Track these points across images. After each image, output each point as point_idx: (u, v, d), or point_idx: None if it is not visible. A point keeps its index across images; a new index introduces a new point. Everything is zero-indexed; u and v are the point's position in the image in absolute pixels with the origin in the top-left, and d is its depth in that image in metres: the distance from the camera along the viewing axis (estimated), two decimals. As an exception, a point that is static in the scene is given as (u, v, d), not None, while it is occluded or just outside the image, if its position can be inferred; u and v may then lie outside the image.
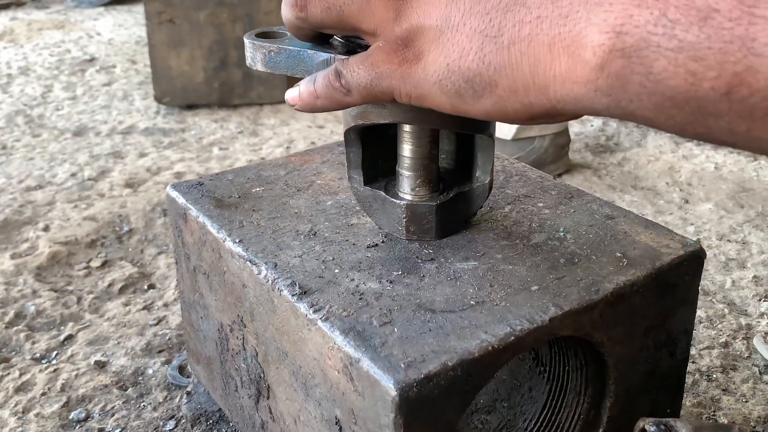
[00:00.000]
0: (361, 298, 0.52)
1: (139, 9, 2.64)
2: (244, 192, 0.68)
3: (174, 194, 0.68)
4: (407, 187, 0.59)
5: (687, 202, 1.24)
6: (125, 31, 2.42)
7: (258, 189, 0.68)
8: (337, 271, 0.56)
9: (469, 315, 0.50)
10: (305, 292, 0.53)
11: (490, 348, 0.47)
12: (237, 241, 0.60)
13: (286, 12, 0.49)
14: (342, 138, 0.63)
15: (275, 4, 1.64)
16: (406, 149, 0.58)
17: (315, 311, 0.51)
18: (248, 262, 0.58)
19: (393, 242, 0.59)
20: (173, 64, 1.64)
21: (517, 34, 0.39)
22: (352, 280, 0.54)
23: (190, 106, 1.68)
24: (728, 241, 1.12)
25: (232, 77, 1.68)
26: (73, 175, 1.38)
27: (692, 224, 1.17)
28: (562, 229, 0.61)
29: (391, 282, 0.54)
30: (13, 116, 1.68)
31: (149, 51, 1.65)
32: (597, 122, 1.58)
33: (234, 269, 0.60)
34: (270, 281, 0.55)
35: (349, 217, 0.64)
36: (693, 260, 0.58)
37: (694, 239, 1.10)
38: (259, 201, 0.66)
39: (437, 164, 0.60)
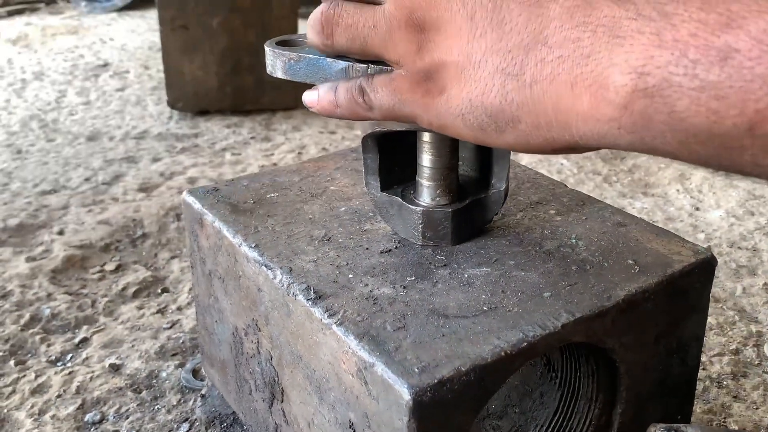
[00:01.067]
0: (375, 303, 0.53)
1: (151, 14, 2.66)
2: (259, 198, 0.69)
3: (190, 200, 0.69)
4: (426, 196, 0.60)
5: (698, 209, 1.24)
6: (138, 36, 2.44)
7: (273, 195, 0.69)
8: (351, 276, 0.56)
9: (481, 321, 0.51)
10: (320, 297, 0.54)
11: (502, 353, 0.48)
12: (252, 246, 0.61)
13: (313, 36, 0.49)
14: (355, 144, 0.64)
15: (287, 10, 1.65)
16: (426, 159, 0.59)
17: (329, 316, 0.52)
18: (263, 267, 0.59)
19: (406, 248, 0.60)
20: (186, 69, 1.65)
21: (539, 73, 0.40)
22: (366, 285, 0.55)
23: (203, 112, 1.70)
24: (739, 248, 1.12)
25: (244, 83, 1.70)
26: (88, 179, 1.39)
27: (703, 231, 1.17)
28: (574, 236, 0.61)
29: (404, 287, 0.55)
30: (28, 121, 1.69)
31: (162, 57, 1.66)
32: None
33: (249, 273, 0.61)
34: (285, 286, 0.56)
35: (362, 223, 0.64)
36: (704, 268, 0.59)
37: (705, 246, 1.10)
38: (274, 206, 0.67)
39: (456, 173, 0.61)
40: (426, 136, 0.58)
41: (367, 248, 0.60)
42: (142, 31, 2.51)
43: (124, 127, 1.66)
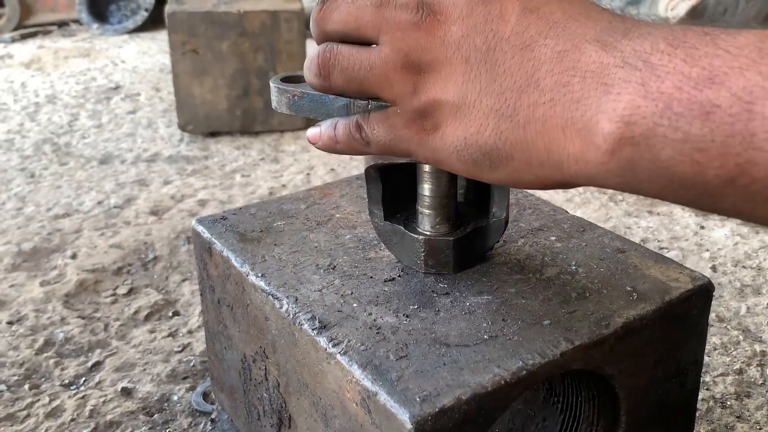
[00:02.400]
0: (378, 332, 0.54)
1: (162, 36, 2.69)
2: (266, 226, 0.70)
3: (199, 228, 0.71)
4: (427, 224, 0.62)
5: (703, 228, 1.25)
6: (149, 58, 2.47)
7: (279, 223, 0.71)
8: (355, 305, 0.58)
9: (482, 349, 0.52)
10: (324, 327, 0.55)
11: (502, 382, 0.49)
12: (259, 275, 0.62)
13: (311, 78, 0.51)
14: (363, 168, 0.66)
15: (295, 34, 1.67)
16: (426, 188, 0.61)
17: (334, 345, 0.53)
18: (270, 296, 0.60)
19: (409, 276, 0.62)
20: (197, 92, 1.68)
21: (531, 115, 0.41)
22: (370, 314, 0.57)
23: (213, 134, 1.72)
24: (743, 267, 1.13)
25: (253, 105, 1.72)
26: (100, 203, 1.42)
27: (708, 250, 1.18)
28: (574, 263, 0.63)
29: (407, 316, 0.56)
30: (41, 144, 1.72)
31: (173, 80, 1.69)
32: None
33: (257, 302, 0.62)
34: (291, 315, 0.58)
35: (366, 251, 0.66)
36: (702, 294, 0.60)
37: (710, 266, 1.11)
38: (281, 235, 0.69)
39: (455, 201, 0.62)
40: (426, 167, 0.60)
41: (371, 277, 0.62)
42: (153, 53, 2.54)
43: (136, 149, 1.68)
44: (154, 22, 2.83)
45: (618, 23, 0.41)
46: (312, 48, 0.52)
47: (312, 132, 0.54)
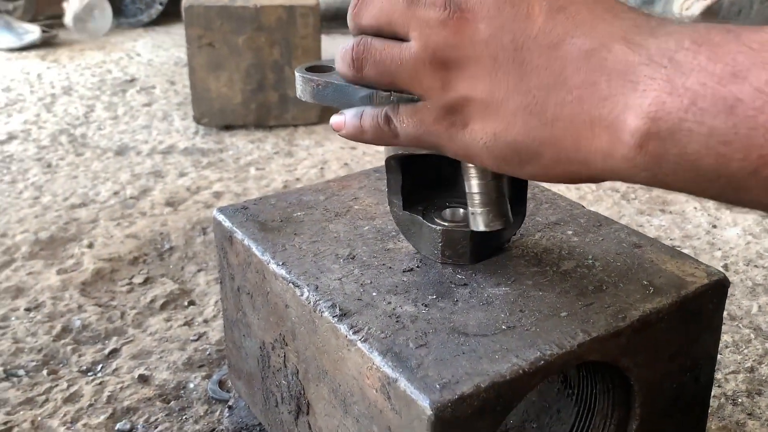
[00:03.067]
0: (397, 321, 0.55)
1: (177, 30, 2.71)
2: (286, 216, 0.71)
3: (220, 217, 0.72)
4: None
5: (715, 227, 1.25)
6: (164, 52, 2.49)
7: (299, 213, 0.72)
8: (374, 294, 0.59)
9: (500, 339, 0.53)
10: (345, 314, 0.56)
11: (520, 371, 0.50)
12: (280, 263, 0.63)
13: (344, 69, 0.52)
14: (375, 159, 0.67)
15: (311, 30, 1.68)
16: (474, 185, 0.59)
17: (354, 332, 0.54)
18: (291, 284, 0.61)
19: (427, 267, 0.62)
20: (212, 86, 1.69)
21: (559, 112, 0.42)
22: (389, 303, 0.57)
23: (228, 127, 1.73)
24: (755, 266, 1.13)
25: (268, 99, 1.73)
26: (116, 193, 1.43)
27: (720, 249, 1.18)
28: (590, 257, 0.63)
29: (426, 306, 0.57)
30: (57, 135, 1.74)
31: (189, 73, 1.70)
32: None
33: (277, 290, 0.63)
34: (312, 303, 0.58)
35: (385, 242, 0.67)
36: (717, 289, 0.60)
37: (722, 264, 1.12)
38: (301, 225, 0.70)
39: (506, 197, 0.61)
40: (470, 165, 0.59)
41: (390, 267, 0.63)
42: (168, 46, 2.56)
43: (151, 141, 1.69)
44: (167, 15, 2.85)
45: (643, 22, 0.41)
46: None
47: (336, 120, 0.55)
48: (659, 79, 0.38)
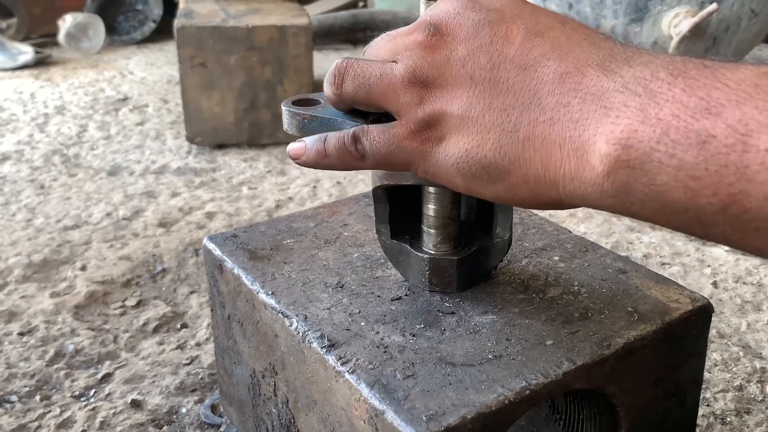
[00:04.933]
0: (385, 351, 0.56)
1: (170, 48, 2.72)
2: (276, 244, 0.72)
3: (210, 246, 0.72)
4: (430, 243, 0.63)
5: (704, 243, 1.26)
6: (157, 70, 2.50)
7: (289, 241, 0.73)
8: (363, 323, 0.59)
9: (487, 369, 0.53)
10: (333, 345, 0.57)
11: (506, 402, 0.50)
12: (270, 293, 0.64)
13: (326, 87, 0.54)
14: (368, 180, 0.68)
15: (303, 49, 1.69)
16: (430, 209, 0.62)
17: (342, 363, 0.55)
18: (280, 314, 0.62)
19: (416, 295, 0.63)
20: (205, 105, 1.70)
21: (531, 132, 0.43)
22: (377, 332, 0.58)
23: (221, 146, 1.74)
24: (744, 283, 1.14)
25: (261, 118, 1.74)
26: (109, 214, 1.43)
27: (709, 266, 1.19)
28: (576, 284, 0.64)
29: (413, 335, 0.58)
30: (50, 156, 1.74)
31: (182, 93, 1.71)
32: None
33: (266, 320, 0.64)
34: (300, 333, 0.59)
35: (374, 269, 0.67)
36: (701, 314, 0.61)
37: (711, 282, 1.13)
38: (290, 253, 0.70)
39: (459, 222, 0.64)
40: (430, 188, 0.62)
41: (378, 295, 0.63)
42: (161, 64, 2.57)
43: (144, 161, 1.70)
44: (160, 33, 2.86)
45: (620, 51, 0.42)
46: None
47: (295, 147, 0.55)
48: (633, 107, 0.38)
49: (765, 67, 0.36)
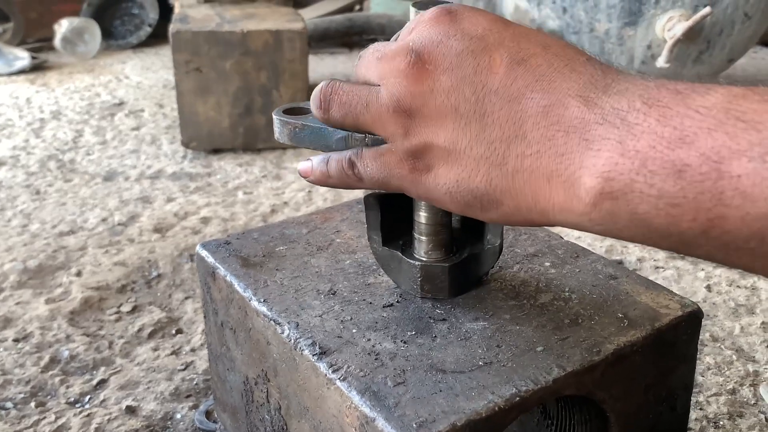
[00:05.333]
0: (376, 359, 0.56)
1: (166, 52, 2.72)
2: (269, 251, 0.72)
3: (203, 253, 0.73)
4: (421, 250, 0.64)
5: (698, 247, 1.27)
6: (153, 74, 2.50)
7: (281, 248, 0.73)
8: (354, 331, 0.60)
9: (477, 376, 0.54)
10: (325, 352, 0.57)
11: (496, 408, 0.51)
12: (262, 300, 0.64)
13: (313, 108, 0.54)
14: (362, 193, 0.68)
15: (298, 53, 1.70)
16: (422, 216, 0.63)
17: (334, 371, 0.55)
18: (272, 322, 0.62)
19: (407, 302, 0.63)
20: (200, 110, 1.70)
21: (519, 165, 0.44)
22: (369, 340, 0.58)
23: (216, 151, 1.74)
24: (738, 287, 1.15)
25: (256, 122, 1.74)
26: (104, 220, 1.44)
27: (703, 269, 1.20)
28: (567, 289, 0.64)
29: (405, 342, 0.58)
30: (46, 161, 1.74)
31: (177, 98, 1.71)
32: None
33: (259, 327, 0.64)
34: (292, 341, 0.59)
35: (366, 276, 0.68)
36: (691, 320, 0.61)
37: (705, 285, 1.13)
38: (283, 260, 0.71)
39: (450, 229, 0.64)
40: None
41: (370, 302, 0.63)
42: (157, 68, 2.57)
43: (140, 166, 1.70)
44: (157, 37, 2.86)
45: (599, 77, 0.43)
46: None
47: (303, 166, 0.56)
48: (612, 140, 0.39)
49: (735, 89, 0.37)
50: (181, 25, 1.68)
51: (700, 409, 0.89)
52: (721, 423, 0.87)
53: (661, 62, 1.78)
